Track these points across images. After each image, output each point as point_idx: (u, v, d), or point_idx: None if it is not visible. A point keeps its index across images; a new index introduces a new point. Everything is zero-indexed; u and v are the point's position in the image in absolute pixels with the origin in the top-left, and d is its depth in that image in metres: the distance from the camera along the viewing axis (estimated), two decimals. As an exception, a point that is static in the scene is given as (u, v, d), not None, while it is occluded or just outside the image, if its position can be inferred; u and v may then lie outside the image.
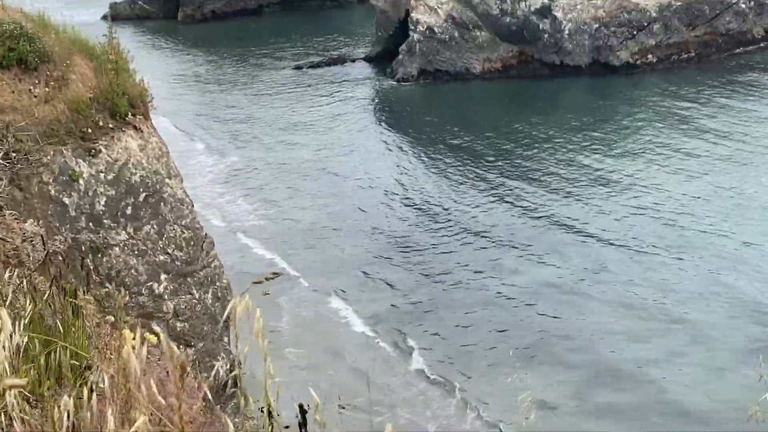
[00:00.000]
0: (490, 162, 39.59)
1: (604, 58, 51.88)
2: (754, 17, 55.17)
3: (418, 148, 42.23)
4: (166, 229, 17.32)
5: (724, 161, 37.38)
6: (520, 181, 37.24)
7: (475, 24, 53.25)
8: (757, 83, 47.54)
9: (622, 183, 36.12)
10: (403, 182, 38.00)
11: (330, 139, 43.68)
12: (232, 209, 35.78)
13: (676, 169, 37.04)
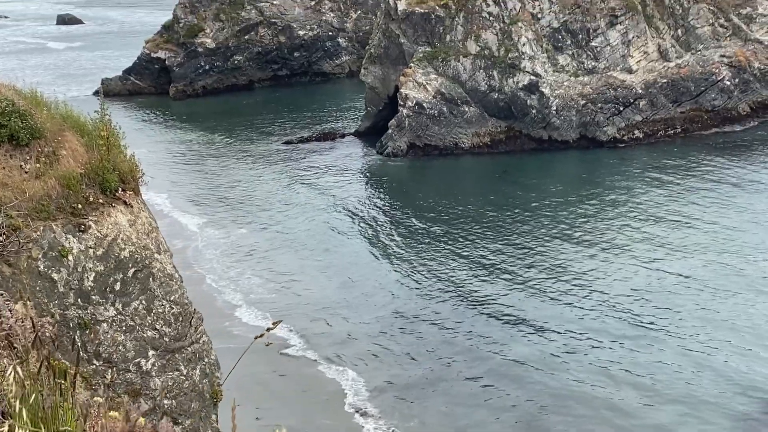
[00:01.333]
0: (481, 235, 39.64)
1: (592, 134, 52.45)
2: (739, 94, 56.02)
3: (410, 222, 42.29)
4: (155, 304, 17.20)
5: (711, 238, 37.50)
6: (511, 254, 37.25)
7: (463, 100, 53.86)
8: (743, 161, 47.94)
9: (609, 257, 36.18)
10: (398, 256, 37.98)
11: (323, 214, 43.75)
12: (242, 283, 35.68)
13: (663, 246, 37.16)
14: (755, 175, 45.85)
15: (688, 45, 57.95)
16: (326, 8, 78.21)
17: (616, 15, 55.34)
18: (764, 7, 60.55)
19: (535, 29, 54.55)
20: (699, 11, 58.65)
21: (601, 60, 54.79)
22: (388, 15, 57.08)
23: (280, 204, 45.52)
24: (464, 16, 54.89)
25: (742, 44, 58.43)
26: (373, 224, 42.45)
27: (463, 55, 54.35)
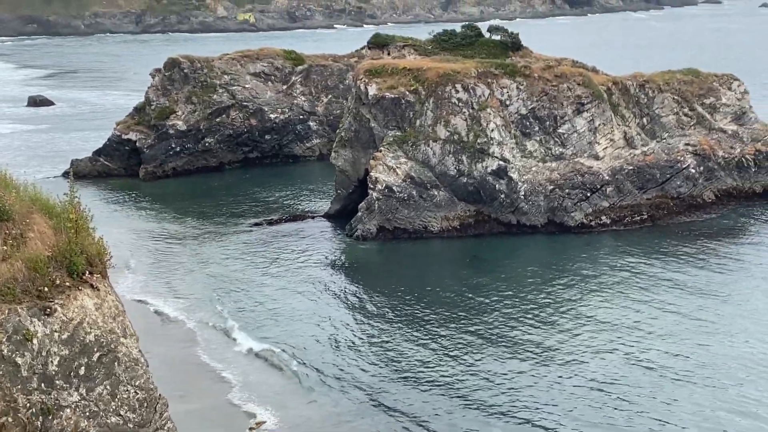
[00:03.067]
0: (448, 319, 39.60)
1: (560, 219, 52.95)
2: (703, 182, 56.97)
3: (378, 305, 42.20)
4: (120, 389, 16.95)
5: (679, 328, 37.71)
6: (479, 339, 37.23)
7: (433, 184, 54.31)
8: (707, 250, 48.40)
9: (575, 345, 36.26)
10: (364, 340, 37.83)
11: (291, 297, 43.59)
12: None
13: (628, 329, 37.34)
14: (721, 262, 46.37)
15: (653, 133, 59.08)
16: (298, 92, 79.06)
17: (582, 103, 56.42)
18: (727, 97, 62.02)
19: (504, 115, 55.43)
20: (663, 100, 59.97)
21: (569, 146, 55.65)
22: (359, 99, 57.82)
23: (249, 286, 45.27)
24: (434, 102, 55.71)
25: (707, 133, 59.66)
26: (341, 307, 42.30)
27: (433, 140, 55.00)
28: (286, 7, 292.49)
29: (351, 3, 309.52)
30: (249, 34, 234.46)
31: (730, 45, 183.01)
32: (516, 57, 66.99)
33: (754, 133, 61.02)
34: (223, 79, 76.71)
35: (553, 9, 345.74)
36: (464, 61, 60.88)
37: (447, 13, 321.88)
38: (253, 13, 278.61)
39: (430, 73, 56.95)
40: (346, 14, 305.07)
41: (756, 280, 43.55)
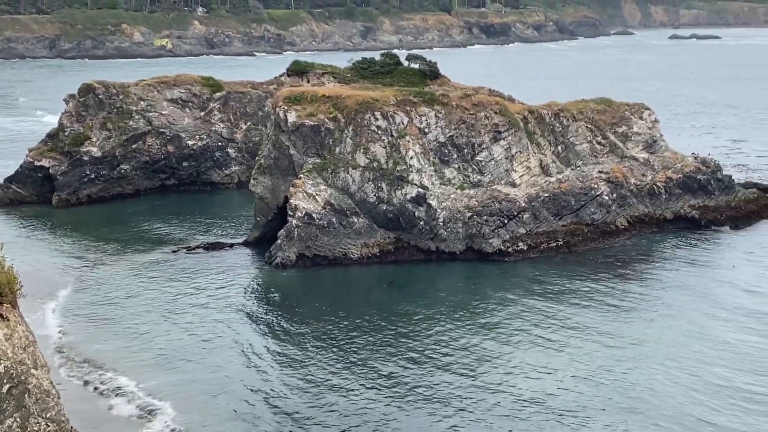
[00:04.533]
0: (366, 345, 39.61)
1: (478, 245, 53.46)
2: (616, 209, 58.19)
3: (296, 332, 41.97)
4: (30, 422, 16.46)
5: (587, 353, 38.26)
6: (397, 365, 37.29)
7: (352, 211, 54.37)
8: (619, 276, 49.39)
9: (489, 369, 36.58)
10: (284, 370, 37.52)
11: (208, 325, 43.07)
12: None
13: (540, 359, 37.82)
14: (632, 288, 47.38)
15: (567, 161, 60.22)
16: (216, 119, 78.49)
17: (499, 131, 57.25)
18: (639, 126, 63.62)
19: (423, 143, 55.90)
20: (578, 129, 61.23)
21: (486, 174, 56.35)
22: (278, 126, 57.68)
23: (166, 314, 44.59)
24: (353, 130, 55.91)
25: (619, 161, 61.05)
26: (259, 335, 41.97)
27: (353, 167, 55.14)
28: (204, 34, 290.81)
29: (270, 30, 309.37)
30: (166, 60, 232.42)
31: (640, 75, 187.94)
32: (434, 85, 67.72)
33: (664, 160, 62.65)
34: (140, 105, 75.76)
35: (470, 38, 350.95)
36: (383, 89, 61.33)
37: (366, 42, 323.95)
38: (170, 39, 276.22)
39: (350, 101, 57.18)
40: (265, 41, 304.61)
41: (664, 305, 44.48)
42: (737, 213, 60.95)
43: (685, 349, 38.31)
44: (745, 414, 32.15)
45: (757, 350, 37.87)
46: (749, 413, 32.19)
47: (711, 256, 52.87)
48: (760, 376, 35.28)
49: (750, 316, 42.17)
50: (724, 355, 37.59)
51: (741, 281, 47.71)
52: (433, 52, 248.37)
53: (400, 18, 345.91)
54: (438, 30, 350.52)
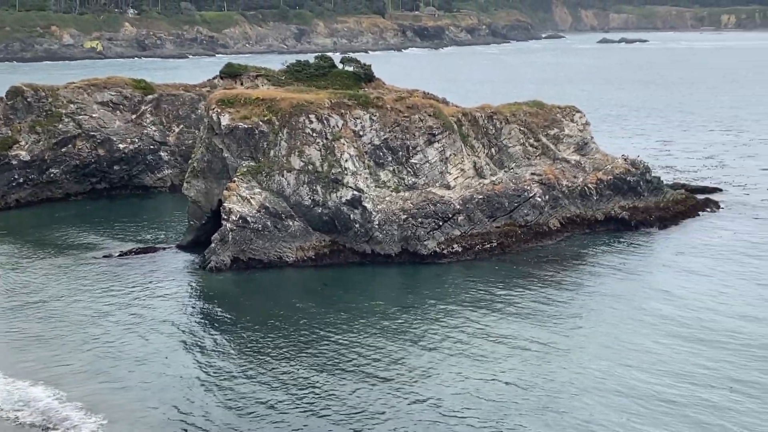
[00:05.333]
0: (300, 348, 39.50)
1: (413, 248, 53.64)
2: (549, 210, 58.89)
3: (231, 338, 41.64)
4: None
5: (514, 358, 38.51)
6: (331, 368, 37.25)
7: (287, 214, 54.18)
8: (551, 277, 49.85)
9: (421, 372, 36.86)
10: (218, 376, 37.20)
11: (141, 330, 42.51)
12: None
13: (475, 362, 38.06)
14: (564, 288, 47.97)
15: (501, 163, 60.80)
16: (148, 122, 77.57)
17: (433, 133, 57.56)
18: (570, 128, 64.50)
19: (358, 146, 55.95)
20: (510, 131, 61.86)
21: (421, 176, 56.61)
22: (212, 129, 57.20)
23: (97, 321, 43.91)
24: (288, 132, 55.72)
25: (551, 163, 61.81)
26: (193, 340, 41.55)
27: (287, 170, 54.95)
28: (135, 36, 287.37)
29: (203, 32, 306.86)
30: (96, 62, 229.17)
31: (571, 78, 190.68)
32: (369, 88, 67.86)
33: (595, 162, 63.61)
34: (69, 108, 74.53)
35: (404, 41, 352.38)
36: (318, 91, 61.22)
37: (300, 44, 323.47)
38: (100, 41, 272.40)
39: (284, 104, 56.98)
40: (197, 43, 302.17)
41: (594, 304, 45.05)
42: (666, 213, 62.13)
43: (609, 353, 38.65)
44: (664, 417, 32.57)
45: (678, 355, 38.33)
46: (668, 416, 32.62)
47: (641, 257, 53.70)
48: (679, 381, 35.72)
49: (675, 320, 42.64)
50: (646, 359, 37.86)
51: (669, 283, 48.37)
52: (368, 54, 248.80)
53: (335, 20, 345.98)
54: (372, 33, 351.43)
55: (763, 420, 32.12)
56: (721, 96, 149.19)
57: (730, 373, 36.14)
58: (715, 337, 40.11)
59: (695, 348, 38.83)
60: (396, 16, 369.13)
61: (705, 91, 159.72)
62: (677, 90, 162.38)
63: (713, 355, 38.05)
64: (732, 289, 46.62)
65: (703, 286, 47.50)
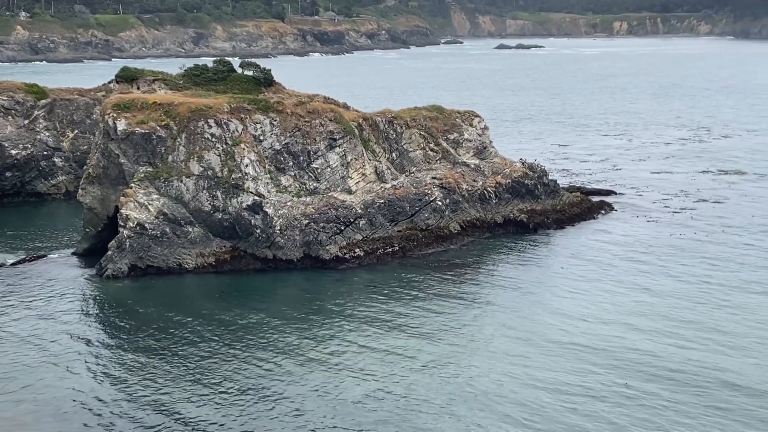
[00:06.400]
0: (199, 356, 38.95)
1: (315, 252, 53.48)
2: (450, 214, 59.47)
3: (125, 348, 40.76)
4: None
5: (416, 358, 38.74)
6: (226, 378, 36.85)
7: (187, 220, 53.39)
8: (451, 281, 50.27)
9: (325, 374, 36.72)
10: (109, 390, 36.36)
11: (36, 341, 41.23)
12: None
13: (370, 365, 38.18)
14: (463, 292, 48.44)
15: (402, 167, 61.17)
16: (41, 127, 75.49)
17: (335, 138, 57.55)
18: (469, 132, 65.33)
19: (258, 151, 55.52)
20: (411, 136, 62.30)
21: (322, 181, 56.52)
22: (107, 135, 55.96)
23: (-11, 333, 42.49)
24: (186, 137, 54.93)
25: (451, 167, 62.47)
26: (89, 349, 40.52)
27: (186, 176, 54.16)
28: (28, 39, 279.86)
29: (98, 36, 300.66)
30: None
31: (469, 83, 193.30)
32: (269, 93, 67.35)
33: (494, 166, 64.57)
34: (-42, 113, 71.98)
35: (304, 46, 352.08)
36: (217, 96, 60.53)
37: (199, 48, 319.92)
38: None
39: (182, 108, 56.16)
40: (92, 47, 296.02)
41: (492, 308, 45.49)
42: (562, 216, 63.48)
43: (512, 350, 39.33)
44: (568, 410, 33.27)
45: (579, 350, 39.16)
46: (573, 409, 33.34)
47: (539, 259, 54.68)
48: (577, 375, 36.53)
49: (573, 317, 43.62)
50: (549, 355, 38.70)
51: (566, 283, 49.44)
52: (268, 59, 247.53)
53: (233, 24, 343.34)
54: (272, 37, 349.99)
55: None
56: (611, 102, 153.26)
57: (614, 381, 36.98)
58: (599, 345, 40.60)
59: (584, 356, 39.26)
60: (296, 21, 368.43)
61: (599, 96, 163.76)
62: (572, 95, 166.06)
63: (599, 364, 38.48)
64: (621, 297, 46.84)
65: (595, 292, 47.73)
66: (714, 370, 36.65)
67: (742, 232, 59.11)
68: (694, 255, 53.92)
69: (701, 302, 45.44)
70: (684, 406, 33.58)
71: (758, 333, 40.87)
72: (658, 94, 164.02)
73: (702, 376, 36.13)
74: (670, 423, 32.23)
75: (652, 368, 37.02)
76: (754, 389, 34.79)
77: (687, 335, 40.77)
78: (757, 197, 70.35)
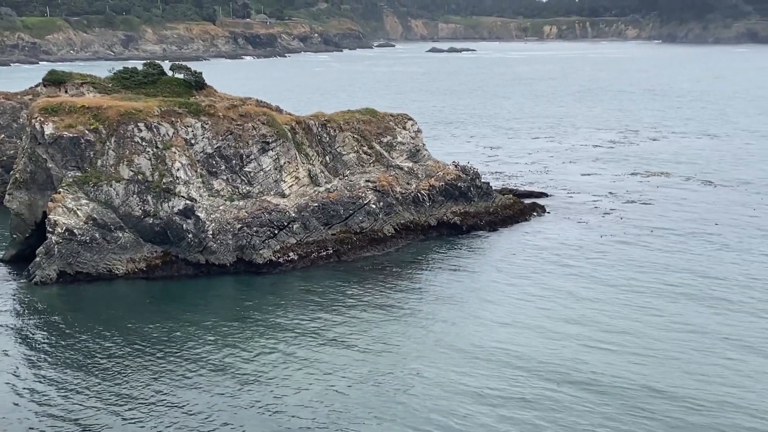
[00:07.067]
0: (126, 366, 38.36)
1: (248, 257, 53.09)
2: (383, 217, 59.56)
3: (54, 357, 39.95)
4: None
5: (348, 364, 38.67)
6: (156, 383, 36.41)
7: (117, 225, 52.61)
8: (384, 285, 50.19)
9: (255, 381, 36.48)
10: (37, 398, 35.60)
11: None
12: None
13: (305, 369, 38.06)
14: (395, 297, 48.46)
15: (336, 170, 61.10)
16: (-35, 131, 73.72)
17: (267, 142, 57.24)
18: (402, 135, 65.52)
19: (189, 155, 54.96)
20: (344, 139, 62.27)
21: (255, 185, 56.15)
22: (34, 139, 54.85)
23: None
24: (116, 141, 54.14)
25: (385, 170, 62.59)
26: (16, 358, 39.63)
27: (116, 180, 53.37)
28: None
29: (24, 38, 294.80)
30: None
31: (402, 86, 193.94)
32: (200, 96, 66.75)
33: (427, 169, 64.87)
34: None
35: (236, 49, 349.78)
36: (147, 99, 59.77)
37: (128, 51, 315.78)
38: None
39: (111, 112, 55.32)
40: (19, 50, 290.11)
41: (424, 313, 45.36)
42: (495, 218, 64.04)
43: (441, 356, 39.29)
44: (492, 417, 33.49)
45: (508, 355, 39.39)
46: (501, 416, 33.57)
47: (471, 263, 54.80)
48: (503, 380, 36.74)
49: (499, 323, 43.74)
50: (473, 362, 38.65)
51: (495, 288, 49.56)
52: (199, 62, 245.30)
53: (164, 27, 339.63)
54: (203, 40, 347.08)
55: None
56: (540, 105, 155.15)
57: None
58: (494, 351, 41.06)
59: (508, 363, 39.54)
60: (227, 24, 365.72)
61: (528, 99, 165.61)
62: (502, 99, 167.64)
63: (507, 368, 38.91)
64: (548, 302, 46.87)
65: (523, 298, 47.71)
66: (636, 375, 36.95)
67: (668, 234, 60.16)
68: (621, 258, 54.56)
69: (625, 306, 45.73)
70: (606, 409, 33.90)
71: (679, 336, 41.39)
72: (584, 98, 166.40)
73: (622, 380, 36.40)
74: (593, 426, 32.57)
75: (574, 373, 37.17)
76: (675, 395, 35.11)
77: (609, 340, 40.95)
78: (682, 199, 71.79)
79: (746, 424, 32.71)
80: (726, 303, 46.12)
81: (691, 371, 37.39)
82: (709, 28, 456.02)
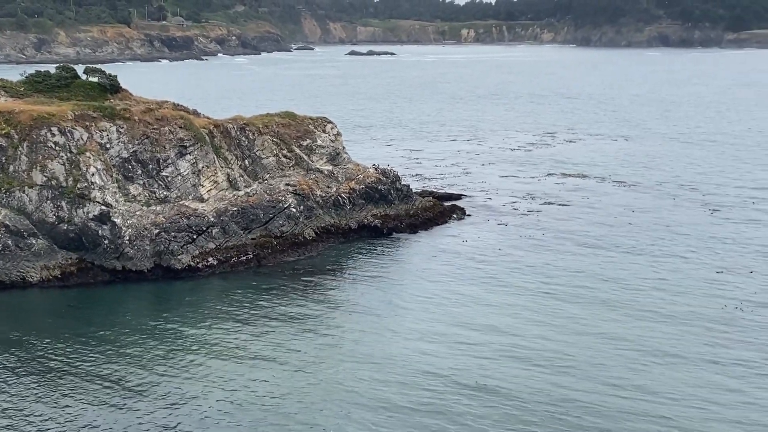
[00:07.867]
0: (39, 375, 37.48)
1: (166, 262, 52.32)
2: (304, 220, 59.32)
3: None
4: None
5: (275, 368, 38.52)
6: (70, 392, 35.72)
7: (30, 232, 51.36)
8: (302, 291, 49.80)
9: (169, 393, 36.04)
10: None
11: None
12: None
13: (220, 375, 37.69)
14: (312, 304, 48.09)
15: (255, 174, 60.66)
16: None
17: (185, 146, 56.53)
18: (322, 139, 65.39)
19: (105, 159, 53.97)
20: (264, 143, 61.86)
21: (173, 189, 55.42)
22: (-58, 144, 53.22)
23: None
24: (28, 146, 52.91)
25: (305, 173, 62.39)
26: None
27: (29, 186, 52.15)
28: None
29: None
30: None
31: (320, 89, 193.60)
32: (115, 99, 65.48)
33: (348, 172, 64.85)
34: None
35: (152, 51, 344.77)
36: (60, 103, 58.47)
37: (41, 54, 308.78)
38: None
39: (23, 116, 54.03)
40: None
41: (345, 317, 45.37)
42: (416, 220, 64.31)
43: (351, 366, 39.05)
44: (402, 426, 33.56)
45: (419, 363, 39.25)
46: (405, 425, 33.63)
47: (391, 268, 54.51)
48: (409, 389, 36.61)
49: (416, 330, 43.64)
50: (387, 370, 38.59)
51: (408, 295, 49.31)
52: (114, 65, 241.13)
53: (77, 30, 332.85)
54: (118, 43, 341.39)
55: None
56: (459, 108, 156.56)
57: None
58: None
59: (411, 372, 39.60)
60: (142, 26, 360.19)
61: (445, 102, 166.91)
62: (422, 102, 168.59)
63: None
64: (460, 308, 46.92)
65: (434, 306, 47.35)
66: (546, 384, 37.14)
67: (584, 237, 60.93)
68: (535, 263, 54.62)
69: (536, 313, 46.07)
70: (498, 418, 34.09)
71: (589, 342, 41.72)
72: (501, 101, 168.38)
73: (532, 389, 36.58)
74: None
75: (487, 381, 37.33)
76: (580, 401, 35.41)
77: (520, 345, 41.30)
78: (597, 200, 73.09)
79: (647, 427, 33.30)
80: (636, 306, 46.76)
81: (599, 378, 37.63)
82: (622, 32, 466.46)
